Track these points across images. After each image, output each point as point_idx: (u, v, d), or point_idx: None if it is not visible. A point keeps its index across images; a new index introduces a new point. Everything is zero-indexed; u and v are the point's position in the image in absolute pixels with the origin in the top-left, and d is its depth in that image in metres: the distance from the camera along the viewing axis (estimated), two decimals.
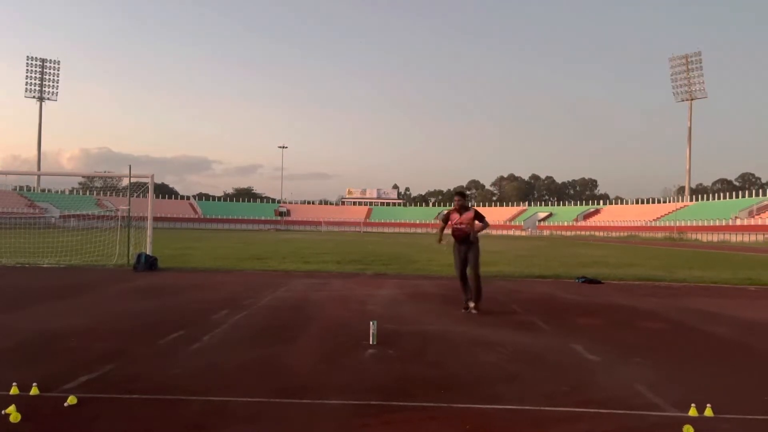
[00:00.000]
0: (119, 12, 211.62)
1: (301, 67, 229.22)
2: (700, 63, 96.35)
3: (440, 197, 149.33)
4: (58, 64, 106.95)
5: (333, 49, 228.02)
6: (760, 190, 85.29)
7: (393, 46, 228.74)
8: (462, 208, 9.07)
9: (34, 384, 4.45)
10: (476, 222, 9.01)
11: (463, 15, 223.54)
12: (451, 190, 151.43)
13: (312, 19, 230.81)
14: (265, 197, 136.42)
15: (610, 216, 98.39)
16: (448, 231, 9.28)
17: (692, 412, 4.18)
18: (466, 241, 9.02)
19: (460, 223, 8.99)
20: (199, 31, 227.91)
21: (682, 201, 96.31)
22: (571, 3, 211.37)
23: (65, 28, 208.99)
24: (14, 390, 4.37)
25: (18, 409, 3.88)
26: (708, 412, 4.18)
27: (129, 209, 17.62)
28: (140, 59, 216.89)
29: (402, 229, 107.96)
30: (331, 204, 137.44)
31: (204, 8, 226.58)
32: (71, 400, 4.18)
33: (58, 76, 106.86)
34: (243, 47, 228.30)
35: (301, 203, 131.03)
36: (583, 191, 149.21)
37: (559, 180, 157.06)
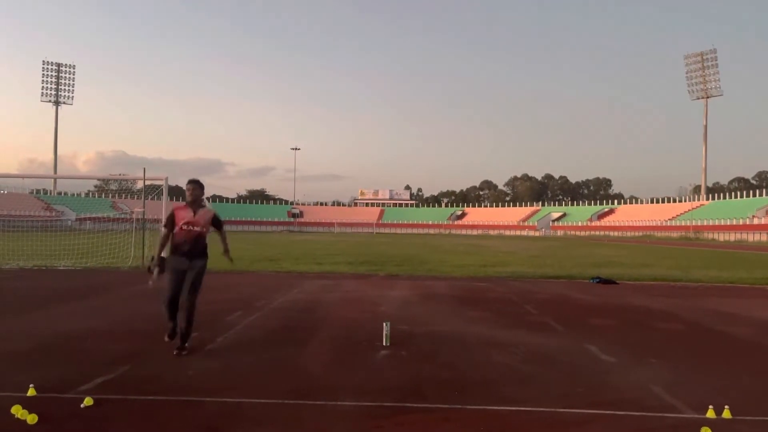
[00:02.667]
0: (134, 17, 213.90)
1: (314, 69, 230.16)
2: (716, 61, 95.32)
3: (453, 198, 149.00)
4: (74, 69, 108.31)
5: (346, 51, 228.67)
6: None
7: (406, 48, 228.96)
8: (196, 203, 6.29)
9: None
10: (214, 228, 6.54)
11: (474, 16, 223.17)
12: (464, 190, 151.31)
13: (325, 21, 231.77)
14: (278, 199, 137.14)
15: (624, 216, 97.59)
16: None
17: (710, 413, 4.13)
18: (194, 253, 6.17)
19: (193, 224, 6.14)
20: (213, 36, 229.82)
21: (698, 200, 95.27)
22: (585, 2, 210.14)
23: (80, 33, 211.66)
24: (31, 391, 4.41)
25: (35, 411, 3.92)
26: (726, 413, 4.12)
27: (144, 212, 17.77)
28: (154, 63, 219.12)
29: (414, 230, 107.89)
30: (343, 205, 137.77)
31: (217, 13, 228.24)
32: (88, 401, 4.21)
33: (73, 81, 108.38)
34: (256, 51, 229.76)
35: (313, 205, 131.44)
36: (597, 191, 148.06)
37: (572, 180, 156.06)
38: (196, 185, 6.35)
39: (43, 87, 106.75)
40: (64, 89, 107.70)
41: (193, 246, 6.21)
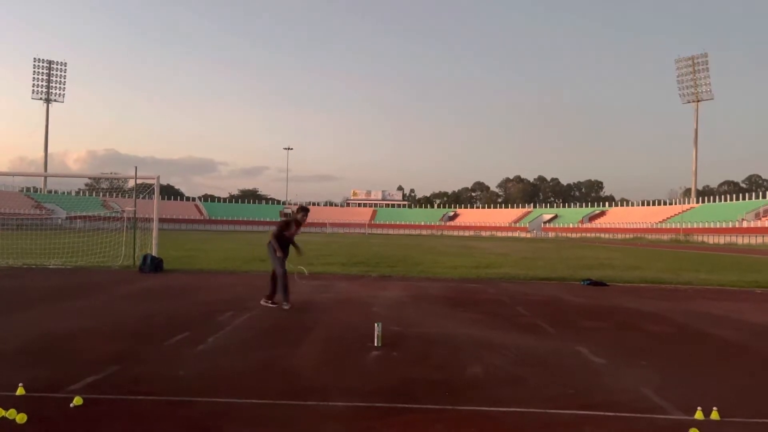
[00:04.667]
0: (125, 15, 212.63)
1: (307, 70, 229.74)
2: (707, 65, 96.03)
3: (445, 199, 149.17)
4: (65, 66, 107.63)
5: (338, 52, 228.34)
6: (767, 192, 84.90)
7: (399, 50, 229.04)
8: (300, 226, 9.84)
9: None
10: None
11: (466, 18, 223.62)
12: (456, 191, 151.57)
13: (317, 23, 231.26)
14: (271, 199, 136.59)
15: (615, 218, 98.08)
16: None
17: (698, 415, 4.17)
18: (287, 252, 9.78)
19: (292, 235, 9.84)
20: (205, 36, 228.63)
21: (689, 203, 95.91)
22: (576, 4, 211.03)
23: (72, 30, 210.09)
24: (20, 390, 4.39)
25: (24, 410, 3.90)
26: (714, 415, 4.16)
27: (135, 211, 17.68)
28: (146, 62, 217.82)
29: (407, 231, 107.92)
30: (336, 205, 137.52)
31: (209, 14, 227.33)
32: (77, 400, 4.19)
33: (64, 78, 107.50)
34: (248, 51, 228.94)
35: (305, 205, 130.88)
36: (589, 193, 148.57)
37: (564, 182, 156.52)
38: (306, 214, 9.85)
39: (34, 84, 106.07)
40: (56, 87, 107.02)
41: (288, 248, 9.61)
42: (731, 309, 10.29)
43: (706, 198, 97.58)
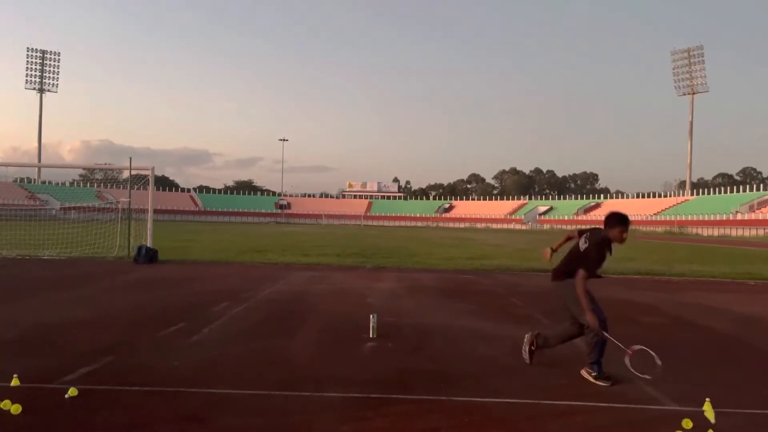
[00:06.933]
0: (120, 5, 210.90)
1: (303, 61, 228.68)
2: (702, 57, 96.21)
3: (441, 191, 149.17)
4: (59, 56, 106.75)
5: (334, 43, 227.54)
6: (761, 185, 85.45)
7: (394, 42, 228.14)
8: None
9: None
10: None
11: (463, 11, 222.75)
12: (452, 183, 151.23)
13: (313, 16, 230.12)
14: (266, 190, 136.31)
15: (610, 210, 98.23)
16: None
17: (691, 406, 4.19)
18: None
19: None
20: (201, 26, 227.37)
21: (683, 195, 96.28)
22: None
23: (66, 20, 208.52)
24: (15, 381, 4.38)
25: (19, 401, 3.89)
26: (707, 406, 4.18)
27: (129, 201, 17.61)
28: (140, 52, 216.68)
29: (402, 223, 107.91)
30: (331, 197, 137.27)
31: (204, 4, 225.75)
32: (72, 391, 4.18)
33: (58, 68, 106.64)
34: (244, 42, 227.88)
35: (301, 196, 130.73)
36: (584, 185, 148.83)
37: (559, 174, 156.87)
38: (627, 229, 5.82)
39: (27, 74, 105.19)
40: (49, 77, 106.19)
41: None
42: (724, 300, 10.35)
43: (700, 190, 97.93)
